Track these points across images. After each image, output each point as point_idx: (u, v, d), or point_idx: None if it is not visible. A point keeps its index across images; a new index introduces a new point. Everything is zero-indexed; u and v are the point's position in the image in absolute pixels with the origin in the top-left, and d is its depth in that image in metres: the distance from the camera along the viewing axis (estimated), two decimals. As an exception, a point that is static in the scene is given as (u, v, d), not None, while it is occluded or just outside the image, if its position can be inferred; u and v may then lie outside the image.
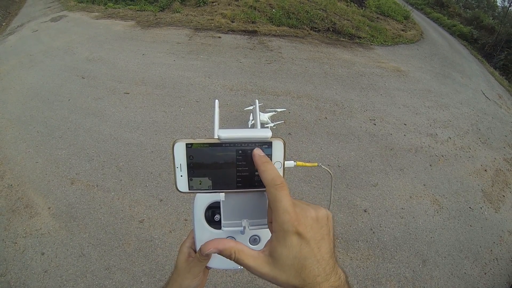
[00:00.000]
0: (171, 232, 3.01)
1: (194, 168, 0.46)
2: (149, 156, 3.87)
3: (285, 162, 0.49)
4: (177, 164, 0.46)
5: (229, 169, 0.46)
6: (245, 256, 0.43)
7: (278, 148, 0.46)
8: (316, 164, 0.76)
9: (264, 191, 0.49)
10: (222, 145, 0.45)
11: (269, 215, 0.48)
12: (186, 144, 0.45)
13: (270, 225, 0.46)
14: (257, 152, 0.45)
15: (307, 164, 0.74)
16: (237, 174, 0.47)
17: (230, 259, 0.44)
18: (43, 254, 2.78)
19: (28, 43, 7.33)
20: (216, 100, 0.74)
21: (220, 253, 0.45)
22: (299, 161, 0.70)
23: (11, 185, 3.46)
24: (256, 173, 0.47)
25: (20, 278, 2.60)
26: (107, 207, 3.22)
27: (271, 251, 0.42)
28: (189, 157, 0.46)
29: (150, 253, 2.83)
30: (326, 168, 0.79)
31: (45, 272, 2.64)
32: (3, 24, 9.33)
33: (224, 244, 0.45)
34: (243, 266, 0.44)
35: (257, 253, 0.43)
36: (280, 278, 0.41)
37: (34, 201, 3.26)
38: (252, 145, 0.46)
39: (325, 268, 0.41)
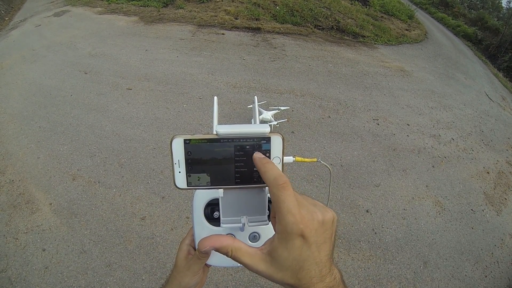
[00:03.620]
0: (172, 229, 3.01)
1: (192, 164, 0.46)
2: (151, 153, 3.86)
3: (284, 157, 0.49)
4: (175, 160, 0.46)
5: (227, 165, 0.46)
6: (241, 254, 0.43)
7: (276, 143, 0.46)
8: (315, 159, 0.75)
9: (263, 187, 0.49)
10: (220, 140, 0.45)
11: (273, 211, 0.48)
12: (184, 140, 0.45)
13: (274, 220, 0.45)
14: (257, 155, 0.45)
15: (306, 159, 0.73)
16: (236, 170, 0.46)
17: (227, 256, 0.44)
18: (44, 250, 2.78)
19: (30, 38, 7.31)
20: (215, 97, 0.73)
21: (217, 250, 0.45)
22: (299, 156, 0.69)
23: (13, 180, 3.45)
24: (254, 168, 0.47)
25: (21, 274, 2.60)
26: (109, 204, 3.21)
27: (270, 251, 0.42)
28: (187, 153, 0.45)
29: (151, 251, 2.82)
30: (325, 164, 0.78)
31: (46, 268, 2.64)
32: (6, 18, 9.31)
33: (221, 242, 0.44)
34: (240, 263, 0.44)
35: (254, 251, 0.43)
36: (276, 276, 0.42)
37: (36, 197, 3.26)
38: (251, 141, 0.45)
39: (322, 270, 0.41)
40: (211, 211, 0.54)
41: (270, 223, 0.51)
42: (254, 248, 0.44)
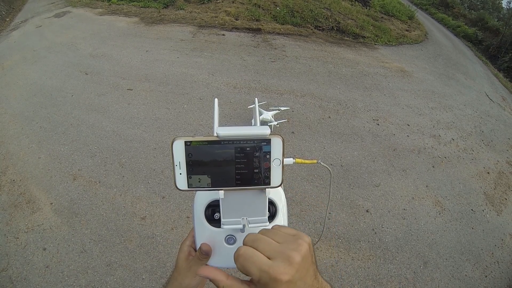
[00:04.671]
0: (173, 229, 3.01)
1: (193, 166, 0.46)
2: (152, 153, 3.87)
3: (285, 159, 0.49)
4: (176, 162, 0.46)
5: (228, 166, 0.46)
6: None
7: (277, 145, 0.46)
8: (315, 161, 0.76)
9: (264, 188, 0.49)
10: (221, 142, 0.45)
11: None
12: (185, 141, 0.45)
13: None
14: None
15: (306, 161, 0.73)
16: (236, 171, 0.47)
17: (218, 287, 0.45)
18: (44, 249, 2.78)
19: (31, 39, 7.34)
20: (216, 99, 0.74)
21: (211, 281, 0.46)
22: (299, 158, 0.70)
23: (14, 180, 3.46)
24: (255, 170, 0.47)
25: (22, 273, 2.60)
26: (109, 204, 3.22)
27: None
28: (188, 154, 0.46)
29: (151, 250, 2.83)
30: (325, 165, 0.78)
31: (47, 267, 2.65)
32: (7, 19, 9.34)
33: (215, 275, 0.45)
34: None
35: None
36: None
37: (36, 197, 3.27)
38: (251, 143, 0.45)
39: None
40: (212, 213, 0.55)
41: (270, 224, 0.52)
42: (245, 286, 0.43)
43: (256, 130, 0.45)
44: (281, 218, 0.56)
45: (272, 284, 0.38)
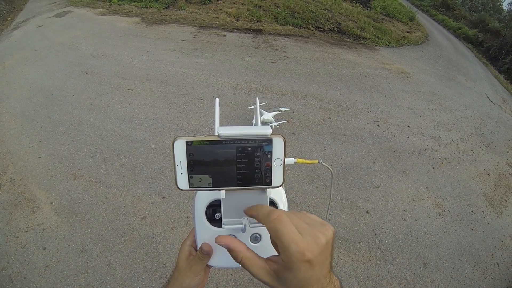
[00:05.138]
0: (173, 229, 3.01)
1: (194, 166, 0.46)
2: (152, 153, 3.87)
3: (286, 159, 0.49)
4: (177, 161, 0.46)
5: (229, 166, 0.46)
6: (251, 264, 0.44)
7: (278, 145, 0.46)
8: (316, 161, 0.76)
9: (265, 188, 0.49)
10: (222, 142, 0.45)
11: (272, 239, 0.48)
12: (186, 141, 0.45)
13: (275, 244, 0.46)
14: (245, 209, 0.48)
15: (308, 161, 0.73)
16: (237, 171, 0.47)
17: (236, 261, 0.45)
18: (44, 249, 2.78)
19: (32, 38, 7.34)
20: (217, 98, 0.74)
21: (230, 251, 0.46)
22: (300, 158, 0.70)
23: (14, 179, 3.46)
24: (256, 170, 0.47)
25: (21, 272, 2.60)
26: (109, 203, 3.22)
27: (276, 271, 0.43)
28: (189, 154, 0.46)
29: (151, 250, 2.83)
30: (327, 165, 0.78)
31: (46, 267, 2.65)
32: (8, 19, 9.34)
33: (236, 246, 0.45)
34: (247, 271, 0.45)
35: (263, 264, 0.44)
36: None
37: (37, 196, 3.27)
38: (252, 142, 0.45)
39: (323, 283, 0.42)
40: (213, 212, 0.54)
41: None
42: (262, 262, 0.44)
43: (257, 130, 0.45)
44: None
45: (295, 257, 0.39)
